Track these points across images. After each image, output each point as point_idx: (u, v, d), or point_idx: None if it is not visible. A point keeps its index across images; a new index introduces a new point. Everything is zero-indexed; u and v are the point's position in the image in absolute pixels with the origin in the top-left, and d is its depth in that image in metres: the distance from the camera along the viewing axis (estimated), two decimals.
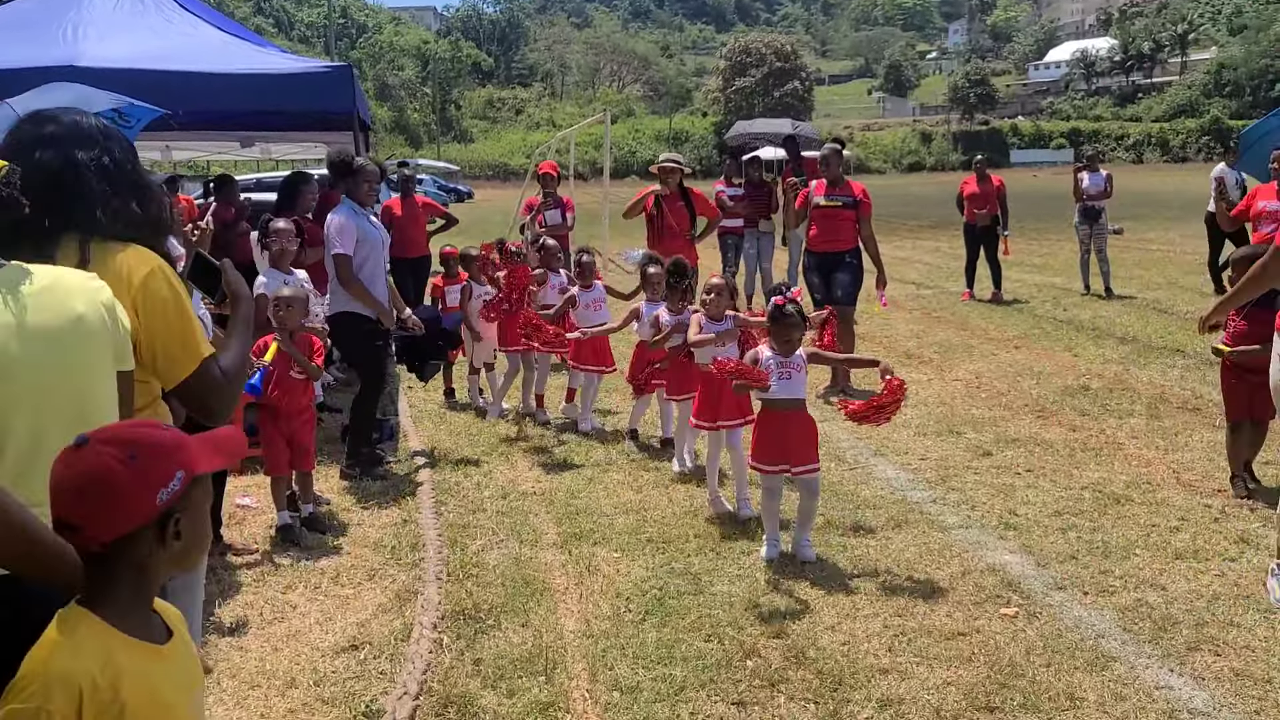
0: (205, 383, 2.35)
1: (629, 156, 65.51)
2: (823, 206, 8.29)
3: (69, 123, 2.41)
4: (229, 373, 2.40)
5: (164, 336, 2.31)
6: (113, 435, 1.65)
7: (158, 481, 1.62)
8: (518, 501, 5.81)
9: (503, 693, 3.64)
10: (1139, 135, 72.38)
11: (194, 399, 2.38)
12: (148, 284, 2.31)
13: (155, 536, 1.65)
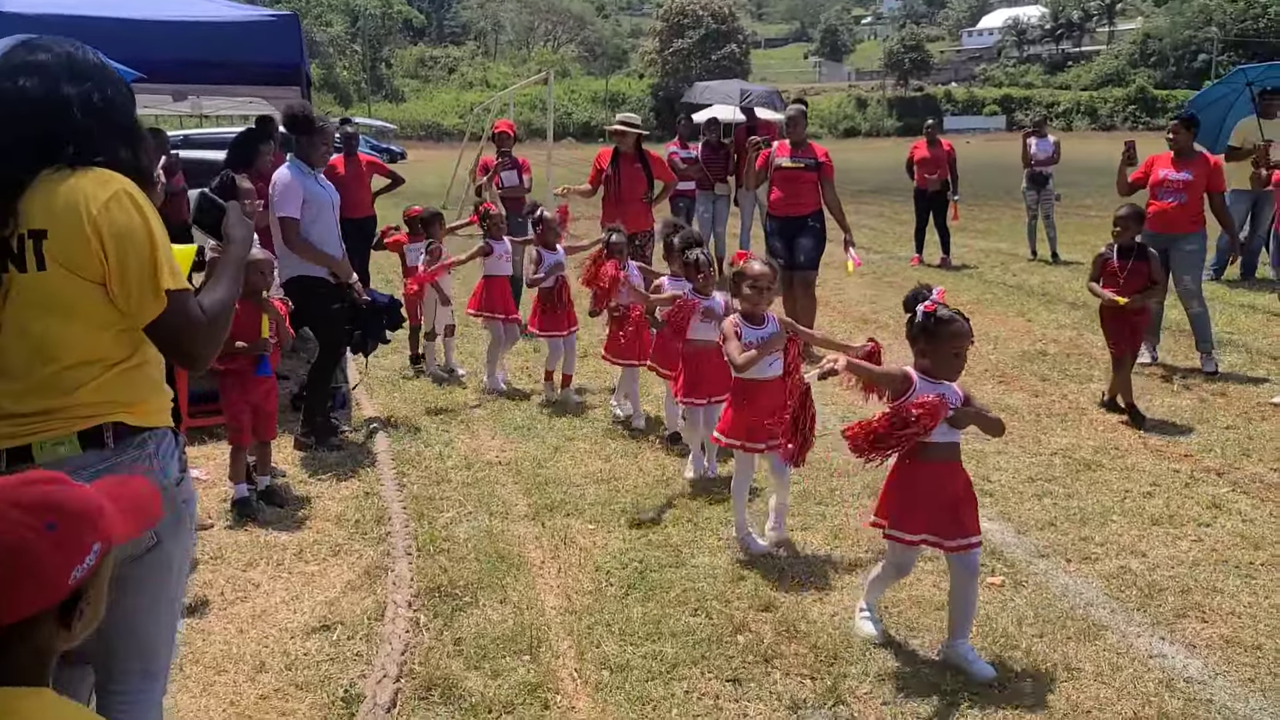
0: (181, 321, 2.13)
1: (565, 118, 64.66)
2: (786, 168, 8.16)
3: (62, 53, 2.18)
4: (211, 312, 2.19)
5: (135, 269, 2.09)
6: (25, 497, 1.37)
7: (75, 556, 1.37)
8: (483, 472, 5.62)
9: (487, 673, 3.48)
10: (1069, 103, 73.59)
11: (170, 341, 2.17)
12: (110, 209, 2.09)
13: (57, 618, 1.39)
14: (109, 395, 2.18)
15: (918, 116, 57.91)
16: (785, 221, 8.27)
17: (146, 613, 2.26)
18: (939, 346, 3.45)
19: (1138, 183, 7.64)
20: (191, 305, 2.16)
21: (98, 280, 2.11)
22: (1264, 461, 5.56)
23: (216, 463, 5.67)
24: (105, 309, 2.13)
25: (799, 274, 8.22)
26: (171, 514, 2.22)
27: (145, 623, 2.27)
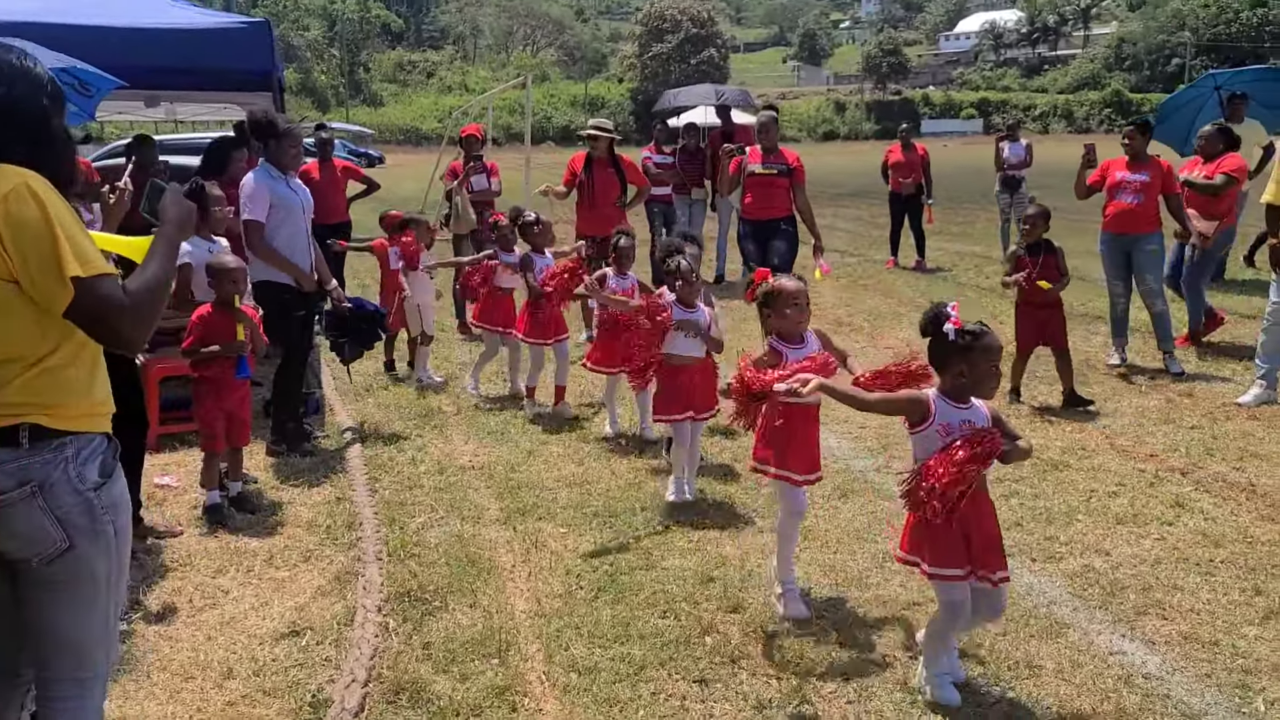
0: (96, 306, 2.15)
1: (545, 122, 64.64)
2: (758, 174, 8.23)
3: None
4: (134, 294, 2.21)
5: (35, 260, 2.12)
6: None
7: None
8: (455, 476, 5.63)
9: (455, 677, 3.50)
10: (1045, 106, 74.17)
11: (91, 325, 2.19)
12: (7, 204, 2.12)
13: None
14: (28, 396, 2.20)
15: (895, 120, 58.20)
16: (758, 225, 8.33)
17: (70, 619, 2.28)
18: (977, 364, 3.18)
19: (1094, 186, 7.75)
20: (106, 288, 2.17)
21: (7, 277, 2.14)
22: (1227, 461, 5.65)
23: (187, 469, 5.66)
24: (20, 304, 2.16)
25: None
26: (87, 519, 2.24)
27: (70, 629, 2.29)
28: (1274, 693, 3.36)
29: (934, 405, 3.22)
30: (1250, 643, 3.67)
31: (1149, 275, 7.54)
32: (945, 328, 3.19)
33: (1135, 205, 7.44)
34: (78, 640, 2.31)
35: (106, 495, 2.31)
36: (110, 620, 2.37)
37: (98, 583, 2.30)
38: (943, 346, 3.24)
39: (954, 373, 3.22)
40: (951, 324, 3.19)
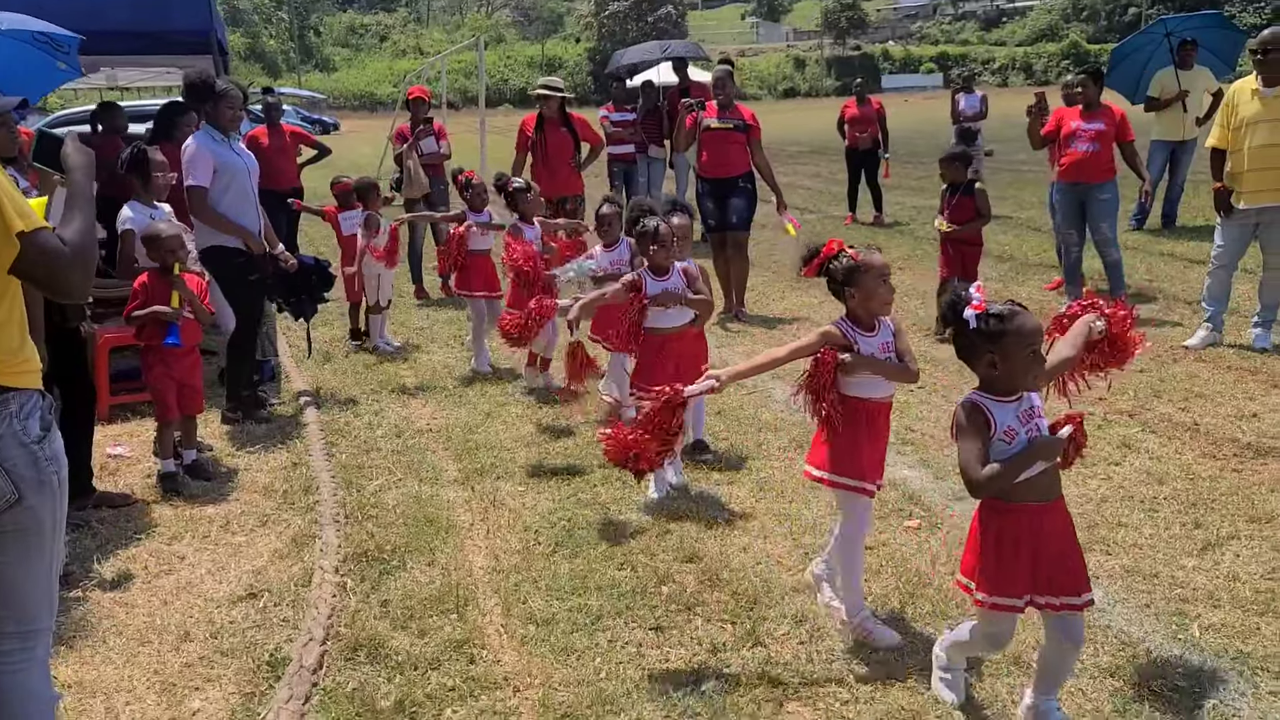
0: (42, 256, 2.22)
1: (501, 84, 63.76)
2: (714, 129, 8.17)
3: None
4: (72, 242, 2.27)
5: None
6: None
7: None
8: (413, 439, 5.63)
9: (414, 633, 3.53)
10: (1005, 59, 74.22)
11: (39, 276, 2.26)
12: None
13: None
14: None
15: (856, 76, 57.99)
16: (716, 183, 8.29)
17: (17, 571, 2.32)
18: (1010, 351, 2.72)
19: (1049, 135, 7.80)
20: (49, 240, 2.23)
21: None
22: (1173, 402, 5.76)
23: (140, 439, 5.62)
24: None
25: (731, 234, 8.28)
26: (33, 471, 2.28)
27: (18, 580, 2.33)
28: (1208, 619, 3.47)
29: (993, 414, 2.75)
30: (1188, 573, 3.78)
31: (1104, 223, 7.63)
32: (966, 314, 2.75)
33: (1089, 154, 7.52)
34: (24, 592, 2.35)
35: (49, 447, 2.34)
36: (53, 573, 2.42)
37: (44, 534, 2.34)
38: (967, 336, 2.79)
39: (986, 364, 2.77)
40: (973, 309, 2.74)
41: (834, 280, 3.41)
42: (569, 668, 3.30)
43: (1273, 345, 6.63)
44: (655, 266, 4.71)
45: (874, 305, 3.37)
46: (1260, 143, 6.34)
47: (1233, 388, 5.94)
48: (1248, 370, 6.24)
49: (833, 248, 3.41)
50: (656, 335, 4.75)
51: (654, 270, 4.71)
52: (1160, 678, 3.15)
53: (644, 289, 4.66)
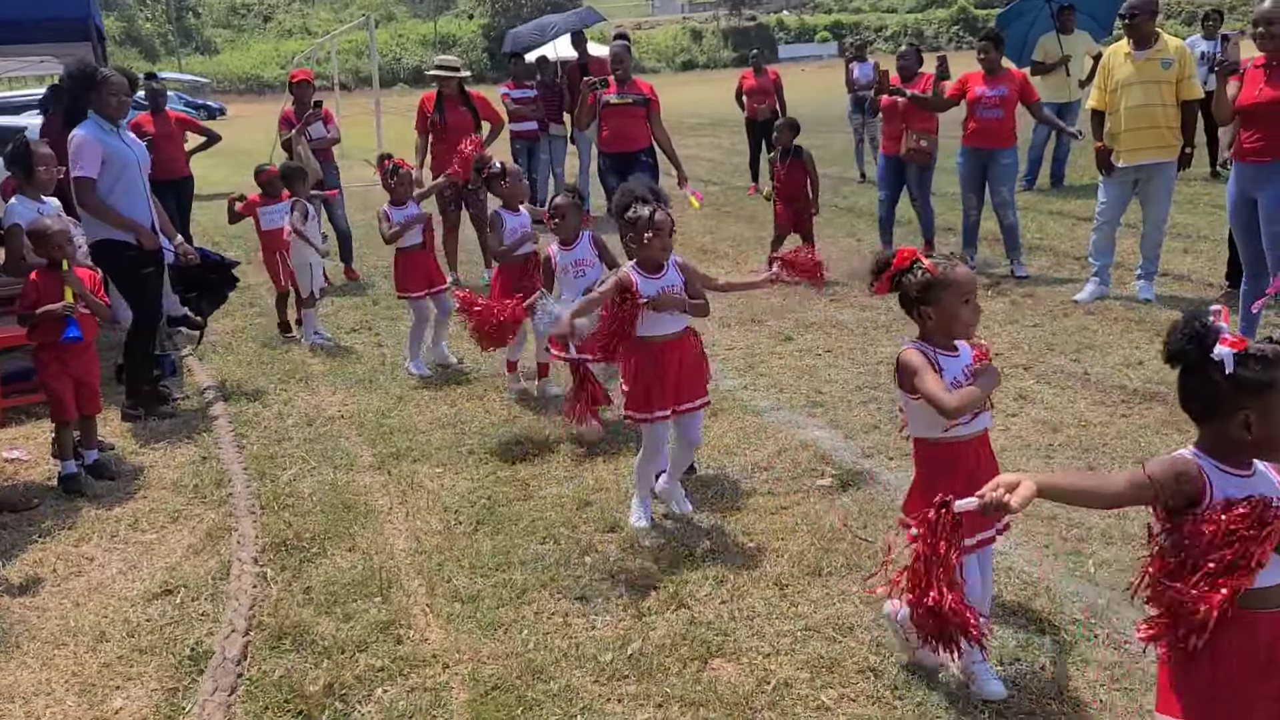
0: None
1: (394, 64, 62.35)
2: (614, 105, 8.18)
3: None
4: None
5: None
6: None
7: None
8: (325, 427, 5.56)
9: (338, 617, 3.52)
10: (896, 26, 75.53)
11: None
12: None
13: None
14: None
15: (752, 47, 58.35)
16: (618, 158, 8.28)
17: None
18: (1271, 407, 1.98)
19: (954, 98, 8.00)
20: None
21: None
22: (1065, 354, 6.03)
23: (37, 442, 5.44)
24: None
25: None
26: None
27: None
28: (1102, 555, 3.68)
29: (1206, 476, 2.04)
30: (1083, 514, 3.99)
31: (1004, 187, 7.91)
32: (1218, 354, 1.98)
33: (995, 121, 7.76)
34: None
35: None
36: None
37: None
38: (1212, 384, 2.01)
39: (1237, 423, 2.00)
40: (1228, 347, 1.98)
41: (907, 297, 2.93)
42: (497, 641, 3.34)
43: (1155, 296, 6.98)
44: (647, 262, 3.93)
45: (956, 329, 2.88)
46: (1135, 103, 6.64)
47: (1120, 338, 6.24)
48: (1134, 320, 6.56)
49: (905, 258, 2.90)
50: (652, 344, 3.97)
51: (645, 267, 3.94)
52: (1060, 612, 3.33)
53: (636, 290, 3.87)
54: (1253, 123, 5.42)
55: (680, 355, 3.99)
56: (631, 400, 3.99)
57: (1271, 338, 2.07)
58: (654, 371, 3.95)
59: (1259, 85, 5.34)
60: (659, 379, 3.95)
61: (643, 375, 3.95)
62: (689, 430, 4.11)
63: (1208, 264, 7.82)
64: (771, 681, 3.04)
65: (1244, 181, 5.53)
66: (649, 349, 3.95)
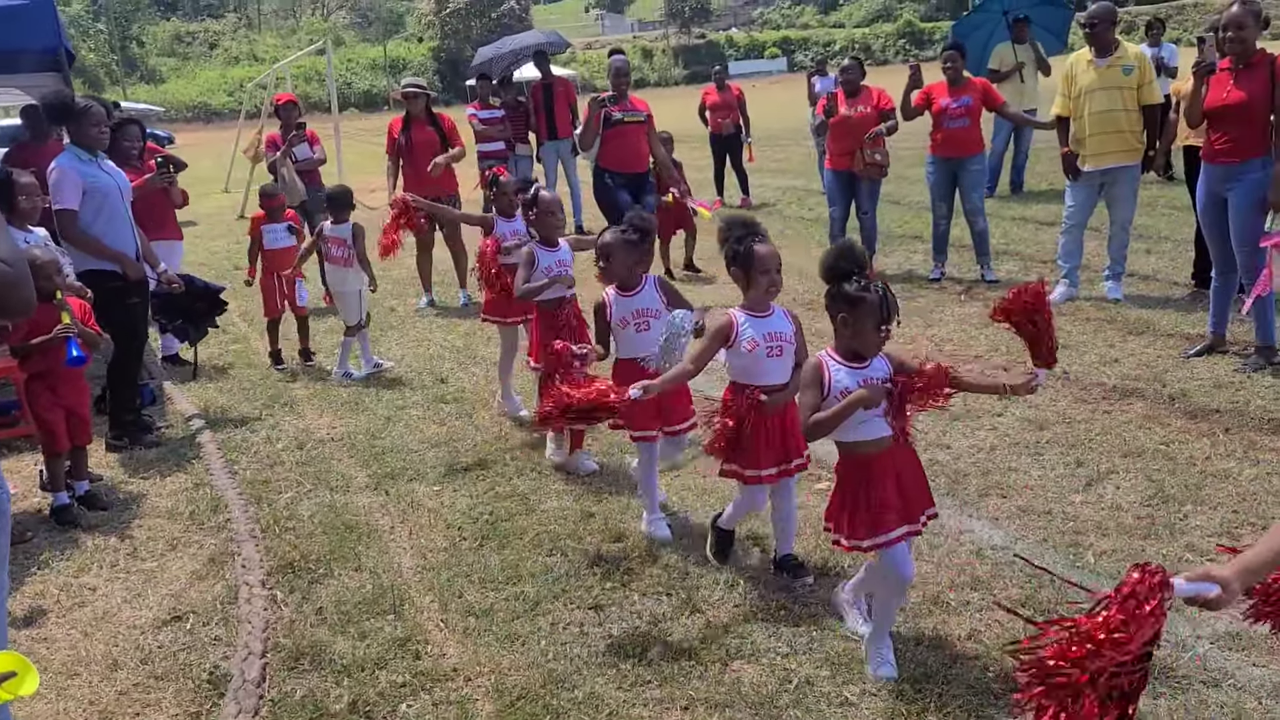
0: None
1: (346, 89, 62.13)
2: (627, 122, 7.99)
3: None
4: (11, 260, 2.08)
5: None
6: None
7: None
8: (316, 450, 5.54)
9: (354, 636, 3.52)
10: (844, 41, 76.59)
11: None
12: None
13: None
14: None
15: (703, 64, 58.77)
16: (632, 177, 8.07)
17: None
18: None
19: (919, 108, 8.14)
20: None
21: None
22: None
23: (21, 475, 5.37)
24: None
25: None
26: None
27: None
28: (1100, 546, 3.78)
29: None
30: (1077, 508, 4.10)
31: (974, 194, 8.08)
32: None
33: (962, 130, 7.93)
34: None
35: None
36: (1, 604, 2.31)
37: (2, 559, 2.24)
38: None
39: None
40: None
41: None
42: (516, 653, 3.36)
43: (1124, 295, 7.16)
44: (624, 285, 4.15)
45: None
46: (1098, 109, 6.84)
47: (1094, 337, 6.40)
48: (1105, 320, 6.73)
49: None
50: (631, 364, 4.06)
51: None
52: (1066, 602, 3.42)
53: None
54: (1221, 124, 5.59)
55: None
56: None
57: None
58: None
59: (1226, 88, 5.52)
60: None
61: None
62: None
63: (1170, 263, 8.04)
64: (794, 680, 3.10)
65: (1214, 182, 5.70)
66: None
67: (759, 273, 3.48)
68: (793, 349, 3.58)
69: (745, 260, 3.48)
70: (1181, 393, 5.32)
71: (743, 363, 3.54)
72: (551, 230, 5.00)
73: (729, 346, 3.51)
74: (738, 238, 3.52)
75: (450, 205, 8.84)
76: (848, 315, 2.98)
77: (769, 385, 3.54)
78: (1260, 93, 5.44)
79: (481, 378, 6.60)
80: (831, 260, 3.05)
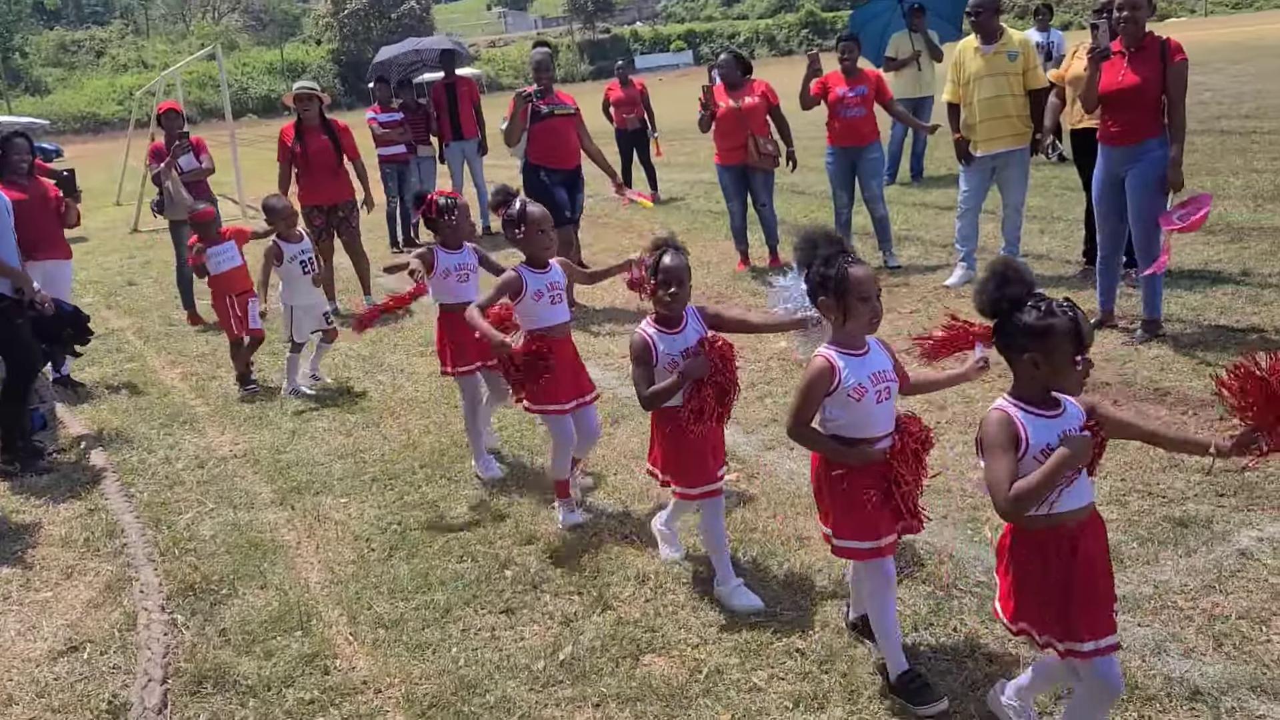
0: None
1: (241, 94, 60.36)
2: (558, 115, 7.83)
3: None
4: None
5: None
6: None
7: None
8: (218, 468, 5.41)
9: (259, 656, 3.44)
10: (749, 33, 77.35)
11: None
12: None
13: None
14: None
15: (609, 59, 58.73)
16: (566, 173, 7.91)
17: None
18: None
19: (816, 97, 8.25)
20: None
21: None
22: None
23: None
24: None
25: (562, 230, 8.02)
26: None
27: None
28: (996, 521, 3.87)
29: None
30: (975, 484, 4.21)
31: (873, 181, 8.22)
32: None
33: (859, 119, 8.07)
34: None
35: None
36: None
37: None
38: None
39: None
40: None
41: None
42: (426, 662, 3.33)
43: None
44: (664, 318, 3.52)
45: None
46: (986, 96, 7.02)
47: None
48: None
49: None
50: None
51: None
52: (965, 577, 3.52)
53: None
54: (1116, 108, 5.72)
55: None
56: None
57: None
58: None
59: (1120, 72, 5.66)
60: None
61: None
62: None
63: (1063, 243, 8.30)
64: (704, 670, 3.13)
65: (1112, 164, 5.83)
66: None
67: (858, 300, 2.83)
68: (897, 387, 3.00)
69: (840, 287, 2.83)
70: None
71: (849, 416, 2.87)
72: (541, 249, 4.17)
73: (826, 395, 2.87)
74: (825, 258, 2.88)
75: (349, 211, 8.67)
76: (1038, 353, 2.37)
77: (878, 436, 2.91)
78: (1153, 76, 5.57)
79: (389, 385, 6.51)
80: (994, 290, 2.45)
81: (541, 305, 4.14)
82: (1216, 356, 5.35)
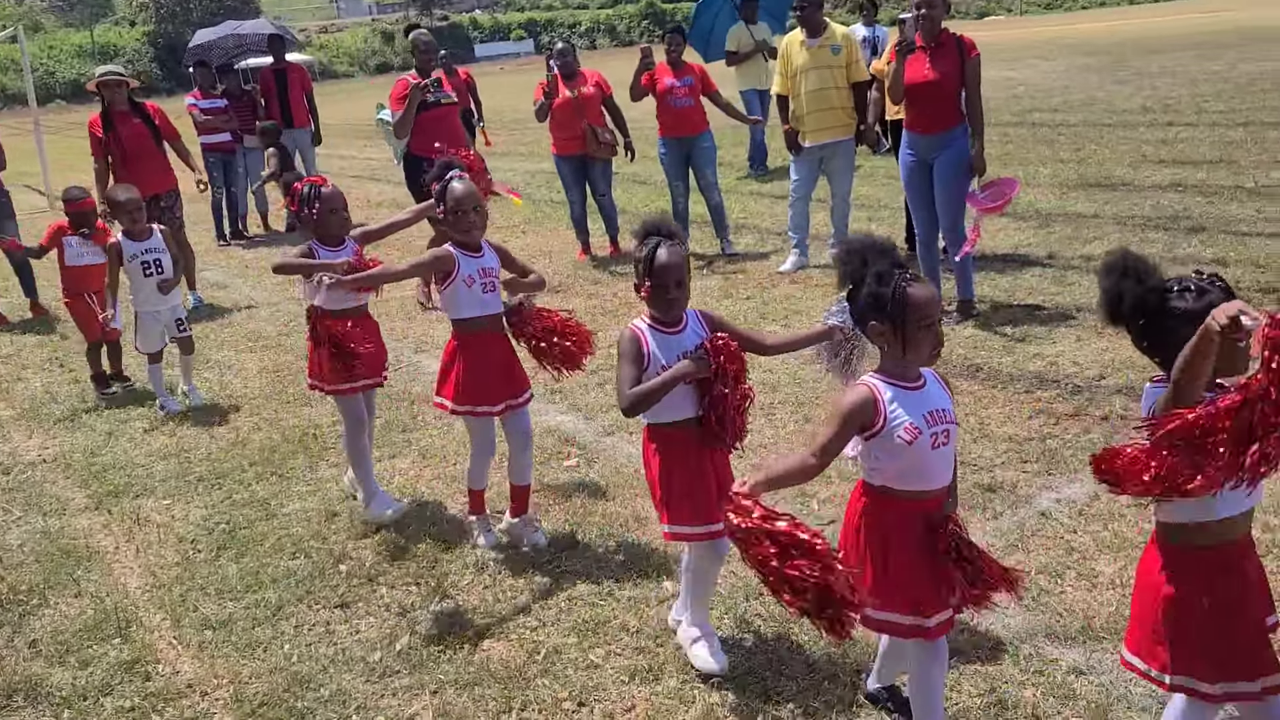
0: None
1: (47, 78, 56.23)
2: (443, 104, 7.70)
3: None
4: None
5: None
6: None
7: None
8: (25, 474, 5.09)
9: (73, 666, 3.27)
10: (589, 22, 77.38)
11: None
12: None
13: None
14: None
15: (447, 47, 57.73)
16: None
17: None
18: None
19: (646, 89, 8.36)
20: None
21: None
22: (777, 320, 6.53)
23: None
24: None
25: None
26: None
27: None
28: (823, 495, 4.06)
29: None
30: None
31: (708, 170, 8.38)
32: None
33: (689, 109, 8.20)
34: None
35: None
36: None
37: None
38: None
39: None
40: None
41: None
42: (257, 661, 3.23)
43: None
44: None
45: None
46: (811, 88, 7.28)
47: (822, 301, 6.83)
48: (830, 285, 7.19)
49: None
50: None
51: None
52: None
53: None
54: (919, 100, 6.04)
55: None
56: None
57: None
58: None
59: (923, 66, 5.98)
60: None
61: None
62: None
63: (890, 230, 8.65)
64: (542, 651, 3.15)
65: (919, 151, 6.14)
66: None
67: (919, 327, 2.36)
68: (956, 431, 2.48)
69: (898, 310, 2.35)
70: None
71: (900, 463, 2.39)
72: (470, 230, 3.76)
73: (870, 435, 2.40)
74: (879, 275, 2.38)
75: (171, 201, 8.22)
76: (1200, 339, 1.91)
77: (936, 490, 2.44)
78: (952, 70, 5.92)
79: (215, 383, 6.25)
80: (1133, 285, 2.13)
81: (474, 293, 3.69)
82: (1024, 333, 5.73)
